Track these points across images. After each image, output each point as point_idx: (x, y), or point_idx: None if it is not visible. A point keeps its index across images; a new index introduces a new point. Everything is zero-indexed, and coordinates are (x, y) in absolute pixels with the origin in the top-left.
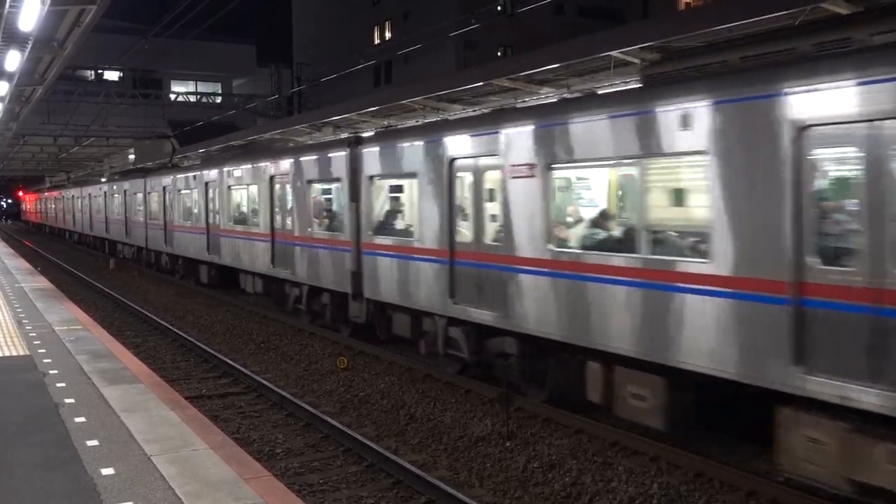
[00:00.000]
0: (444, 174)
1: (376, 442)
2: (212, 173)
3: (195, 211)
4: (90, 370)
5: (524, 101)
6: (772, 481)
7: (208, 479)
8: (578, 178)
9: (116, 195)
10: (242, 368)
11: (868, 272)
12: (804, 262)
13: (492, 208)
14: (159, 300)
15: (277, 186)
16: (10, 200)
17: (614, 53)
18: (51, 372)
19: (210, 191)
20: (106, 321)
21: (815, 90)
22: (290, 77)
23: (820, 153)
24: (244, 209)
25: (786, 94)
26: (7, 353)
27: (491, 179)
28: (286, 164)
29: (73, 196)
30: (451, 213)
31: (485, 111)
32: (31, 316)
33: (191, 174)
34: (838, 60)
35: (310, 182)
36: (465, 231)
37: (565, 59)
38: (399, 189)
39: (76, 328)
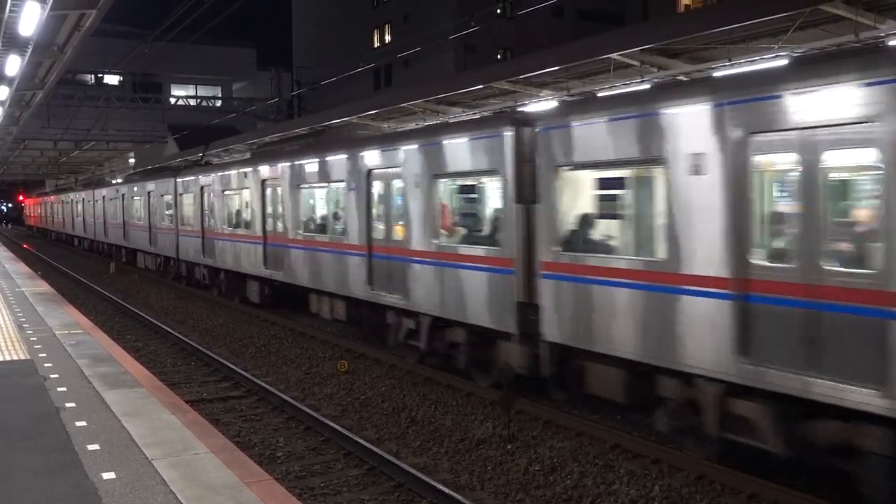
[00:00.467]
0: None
1: (377, 445)
2: (273, 169)
3: (247, 216)
4: (91, 374)
5: (524, 104)
6: (774, 484)
7: (209, 483)
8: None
9: (137, 197)
10: (243, 372)
11: None
12: None
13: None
14: (160, 304)
15: (378, 183)
16: (10, 204)
17: (614, 56)
18: (51, 376)
19: (269, 190)
20: (106, 325)
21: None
22: (289, 80)
23: None
24: (321, 214)
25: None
26: (8, 358)
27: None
28: (394, 153)
29: (83, 199)
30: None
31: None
32: (31, 320)
33: (242, 170)
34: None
35: (435, 177)
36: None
37: (565, 61)
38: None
39: (77, 332)
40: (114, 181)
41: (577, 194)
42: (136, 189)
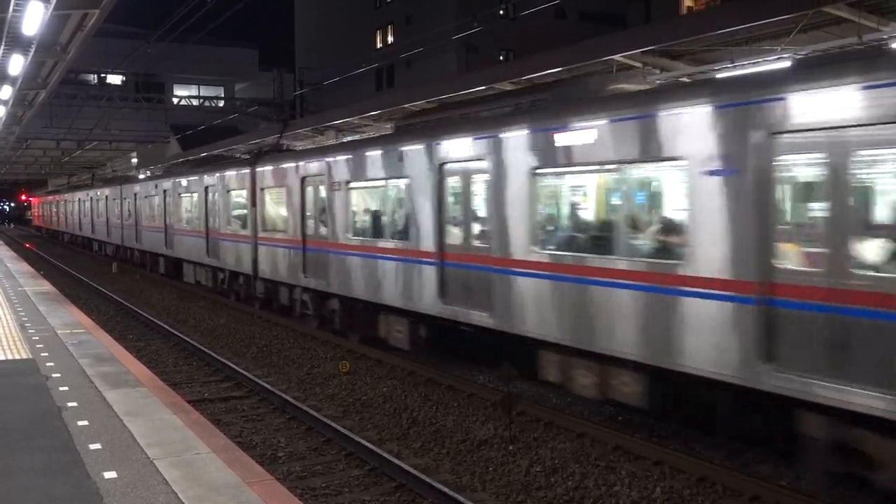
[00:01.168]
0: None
1: (378, 446)
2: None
3: (396, 220)
4: (93, 374)
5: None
6: (775, 486)
7: (211, 483)
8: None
9: (188, 195)
10: (245, 372)
11: None
12: None
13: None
14: (161, 304)
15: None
16: (13, 204)
17: (616, 57)
18: (53, 375)
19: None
20: (108, 325)
21: None
22: (292, 81)
23: None
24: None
25: None
26: (10, 357)
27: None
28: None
29: (105, 197)
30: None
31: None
32: (33, 319)
33: (404, 147)
34: None
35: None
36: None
37: (568, 63)
38: None
39: (79, 332)
40: (147, 174)
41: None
42: (185, 184)
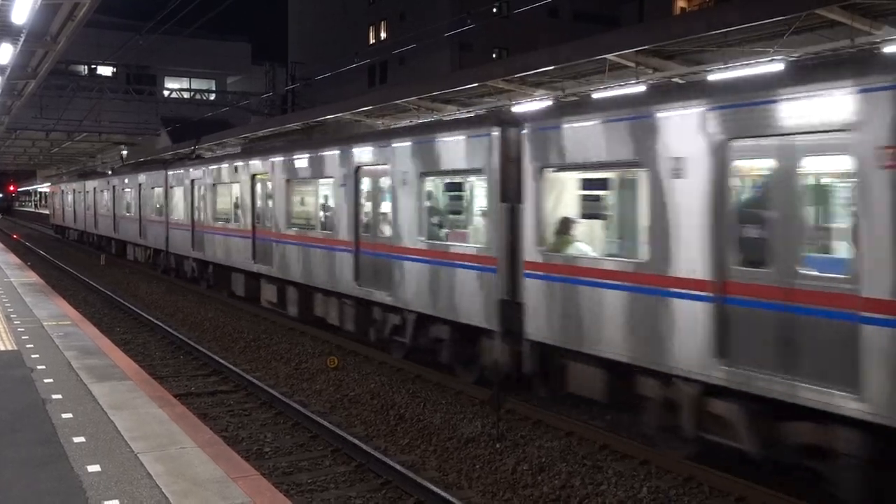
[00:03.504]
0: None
1: (365, 442)
2: None
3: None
4: (78, 366)
5: (518, 103)
6: (761, 486)
7: (196, 478)
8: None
9: (317, 187)
10: (232, 366)
11: None
12: None
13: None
14: (149, 297)
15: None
16: (1, 195)
17: (609, 56)
18: (38, 367)
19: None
20: (95, 317)
21: None
22: (284, 75)
23: None
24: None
25: None
26: None
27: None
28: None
29: (147, 185)
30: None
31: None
32: (19, 311)
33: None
34: None
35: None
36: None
37: (560, 61)
38: None
39: (65, 324)
40: (214, 154)
41: None
42: (302, 165)
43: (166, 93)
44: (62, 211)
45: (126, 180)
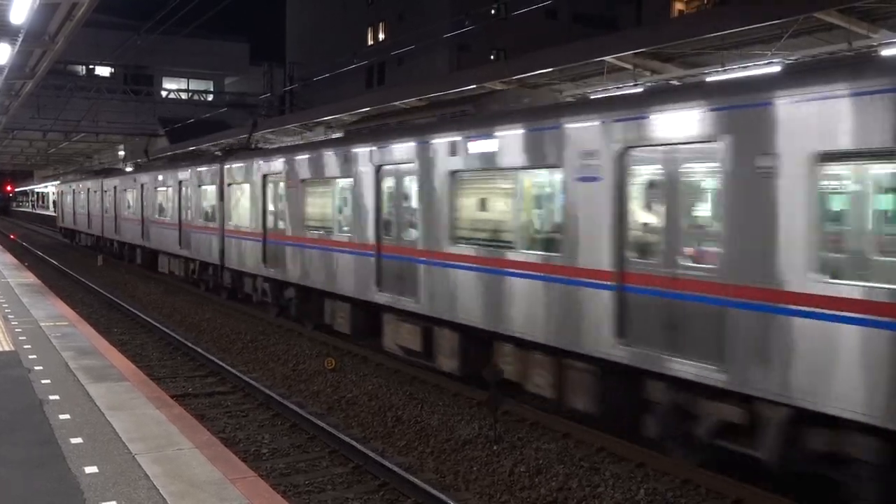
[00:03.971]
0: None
1: (363, 444)
2: None
3: None
4: (76, 367)
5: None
6: (758, 488)
7: (193, 480)
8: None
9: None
10: (229, 367)
11: None
12: None
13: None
14: (147, 297)
15: None
16: None
17: (608, 59)
18: (36, 368)
19: None
20: (92, 318)
21: None
22: (282, 76)
23: None
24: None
25: None
26: None
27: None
28: None
29: (191, 182)
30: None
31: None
32: (16, 311)
33: None
34: None
35: None
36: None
37: (559, 63)
38: None
39: (62, 324)
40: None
41: None
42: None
43: (164, 93)
44: (73, 213)
45: (160, 177)
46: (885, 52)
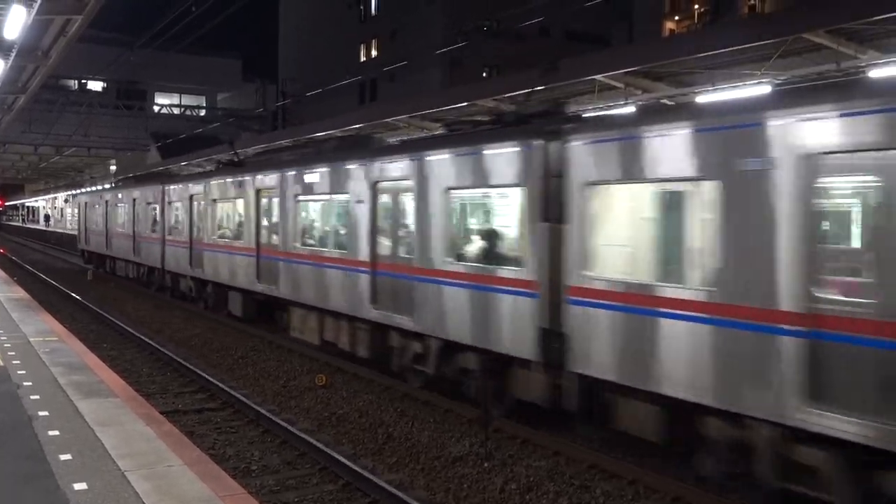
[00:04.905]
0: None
1: (353, 460)
2: None
3: None
4: (65, 383)
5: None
6: None
7: (183, 496)
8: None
9: None
10: (219, 383)
11: None
12: None
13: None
14: (136, 313)
15: None
16: None
17: (599, 77)
18: (25, 384)
19: None
20: (82, 333)
21: None
22: (275, 92)
23: None
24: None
25: None
26: None
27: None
28: None
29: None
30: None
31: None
32: (5, 326)
33: None
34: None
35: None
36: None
37: (550, 81)
38: None
39: (52, 339)
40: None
41: None
42: None
43: (156, 108)
44: (105, 236)
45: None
46: (874, 73)
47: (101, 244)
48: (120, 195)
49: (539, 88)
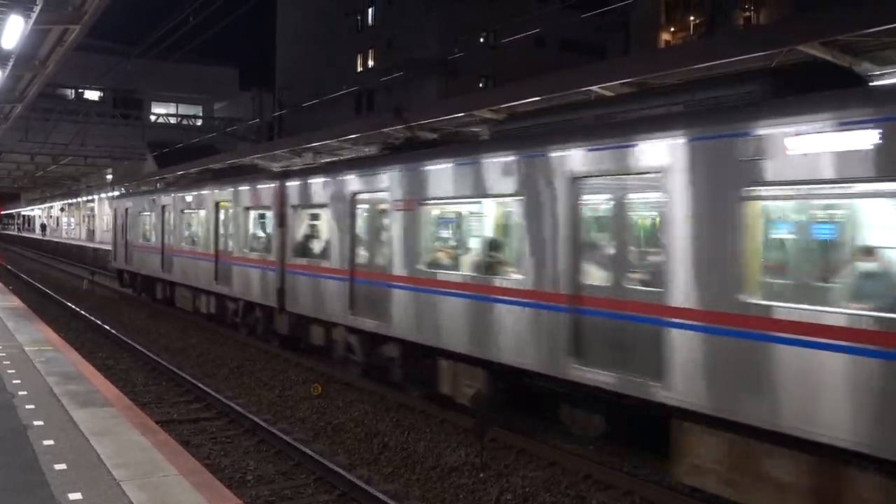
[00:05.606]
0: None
1: (349, 471)
2: None
3: None
4: (60, 392)
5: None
6: None
7: None
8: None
9: None
10: (215, 393)
11: None
12: None
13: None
14: (132, 322)
15: None
16: None
17: (595, 88)
18: (20, 393)
19: None
20: (77, 342)
21: None
22: (271, 102)
23: None
24: None
25: None
26: None
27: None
28: None
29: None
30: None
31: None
32: (0, 336)
33: None
34: None
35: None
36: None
37: (546, 92)
38: None
39: (47, 349)
40: None
41: None
42: None
43: (153, 118)
44: (163, 256)
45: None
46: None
47: (154, 264)
48: (189, 198)
49: (535, 99)
